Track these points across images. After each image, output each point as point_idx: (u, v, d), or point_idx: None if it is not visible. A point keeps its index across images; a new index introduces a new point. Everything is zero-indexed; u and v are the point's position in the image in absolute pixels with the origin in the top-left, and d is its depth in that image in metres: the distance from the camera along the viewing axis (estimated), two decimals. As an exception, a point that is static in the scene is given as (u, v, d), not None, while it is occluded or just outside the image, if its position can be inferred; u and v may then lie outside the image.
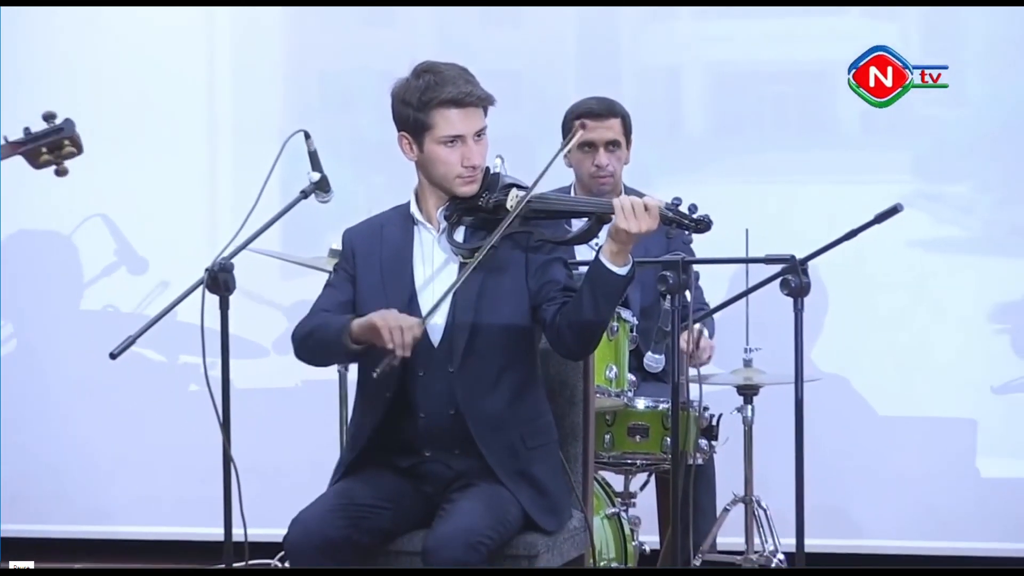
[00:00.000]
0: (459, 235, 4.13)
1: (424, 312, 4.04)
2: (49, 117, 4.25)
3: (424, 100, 4.08)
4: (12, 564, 1.78)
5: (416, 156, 4.15)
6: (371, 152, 5.59)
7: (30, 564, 1.77)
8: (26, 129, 4.25)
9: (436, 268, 4.16)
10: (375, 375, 3.90)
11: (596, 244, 4.16)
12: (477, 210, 4.12)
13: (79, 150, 4.29)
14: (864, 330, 5.93)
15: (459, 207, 4.13)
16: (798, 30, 6.15)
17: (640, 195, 3.94)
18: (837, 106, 6.17)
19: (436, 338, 4.11)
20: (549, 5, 6.13)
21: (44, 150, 4.27)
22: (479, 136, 4.11)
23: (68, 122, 4.28)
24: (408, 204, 4.22)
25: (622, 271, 3.91)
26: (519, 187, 4.08)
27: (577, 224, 4.21)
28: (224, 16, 6.42)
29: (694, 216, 3.91)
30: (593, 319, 3.96)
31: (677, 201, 3.91)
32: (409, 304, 4.11)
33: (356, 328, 3.98)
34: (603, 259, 3.91)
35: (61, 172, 4.33)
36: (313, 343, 4.17)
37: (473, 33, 6.21)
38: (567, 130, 5.27)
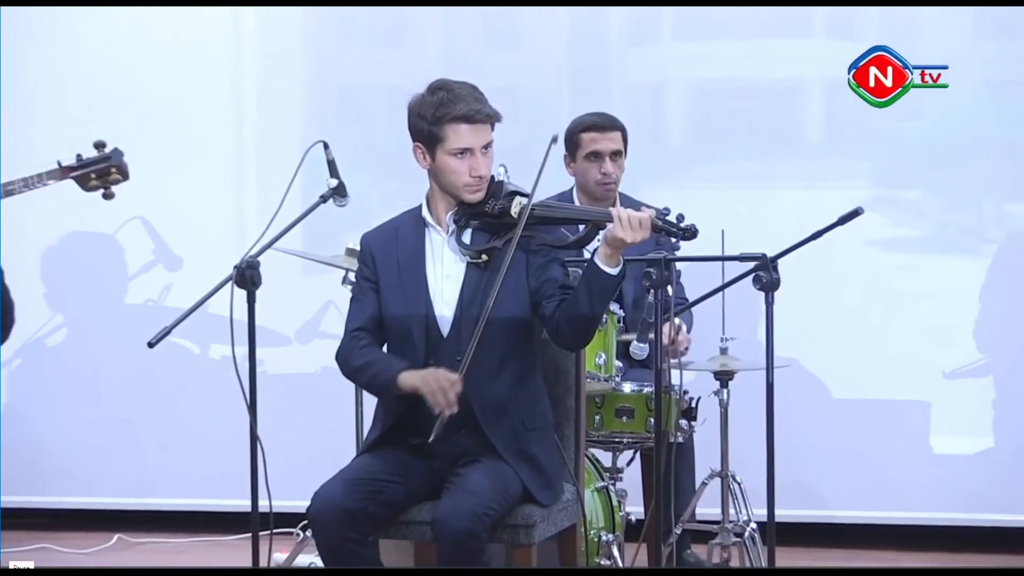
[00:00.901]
0: (466, 237, 4.15)
1: (438, 313, 4.12)
2: (100, 146, 4.25)
3: (437, 115, 4.09)
4: (12, 564, 1.72)
5: (428, 165, 4.16)
6: (384, 160, 5.59)
7: (30, 564, 1.70)
8: (78, 156, 4.25)
9: (446, 266, 4.18)
10: (431, 439, 3.99)
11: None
12: (484, 215, 4.14)
13: (124, 177, 4.29)
14: (828, 321, 5.94)
15: (467, 212, 4.15)
16: (768, 51, 6.14)
17: (635, 204, 3.97)
18: (804, 119, 6.20)
19: (445, 330, 4.14)
20: (543, 5, 6.14)
21: (93, 176, 4.27)
22: (486, 149, 4.13)
23: (116, 151, 4.27)
24: (420, 208, 4.23)
25: (615, 272, 3.96)
26: (521, 194, 4.09)
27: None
28: (250, 36, 6.44)
29: (682, 225, 3.97)
30: (589, 314, 4.01)
31: (666, 211, 3.96)
32: (422, 299, 4.14)
33: (403, 386, 4.04)
34: (598, 262, 3.95)
35: (108, 196, 4.32)
36: (363, 381, 4.26)
37: (476, 52, 6.21)
38: (571, 143, 5.29)
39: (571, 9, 6.22)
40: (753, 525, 5.00)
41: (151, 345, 4.78)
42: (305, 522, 4.27)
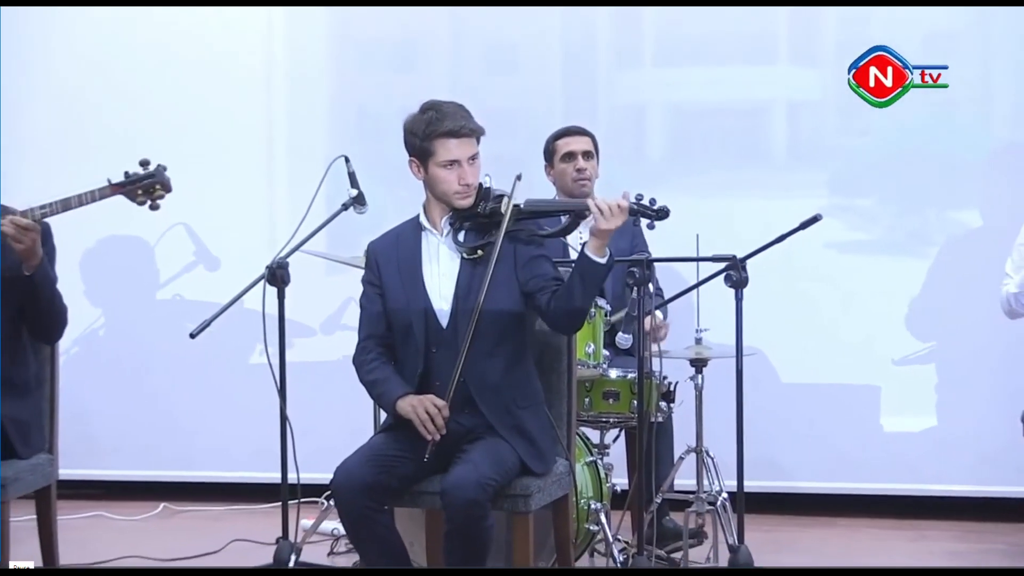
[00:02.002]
0: (461, 236, 4.16)
1: (436, 307, 4.13)
2: (144, 163, 4.26)
3: (427, 132, 4.11)
4: (12, 564, 1.68)
5: (422, 176, 4.18)
6: (398, 173, 5.52)
7: (30, 564, 1.66)
8: (125, 172, 4.26)
9: (442, 264, 4.19)
10: (426, 460, 4.02)
11: (581, 237, 4.16)
12: (476, 216, 4.15)
13: (168, 190, 4.29)
14: (791, 315, 5.93)
15: (461, 215, 4.17)
16: (738, 77, 6.15)
17: None
18: (769, 137, 6.20)
19: (444, 322, 4.14)
20: (535, 5, 6.14)
21: (139, 191, 4.27)
22: (472, 160, 4.14)
23: (159, 168, 4.28)
24: (418, 215, 4.25)
25: (603, 261, 3.98)
26: (508, 196, 4.11)
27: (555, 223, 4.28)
28: (280, 63, 6.45)
29: (655, 207, 4.00)
30: (580, 302, 4.02)
31: (640, 196, 4.01)
32: (421, 295, 4.15)
33: (399, 413, 4.06)
34: (588, 253, 3.97)
35: (154, 207, 4.32)
36: (373, 394, 4.25)
37: (479, 78, 6.22)
38: (548, 152, 5.32)
39: (563, 38, 6.24)
40: (724, 495, 4.99)
41: (193, 336, 4.79)
42: (329, 492, 4.26)
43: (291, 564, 4.76)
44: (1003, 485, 5.66)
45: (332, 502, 4.17)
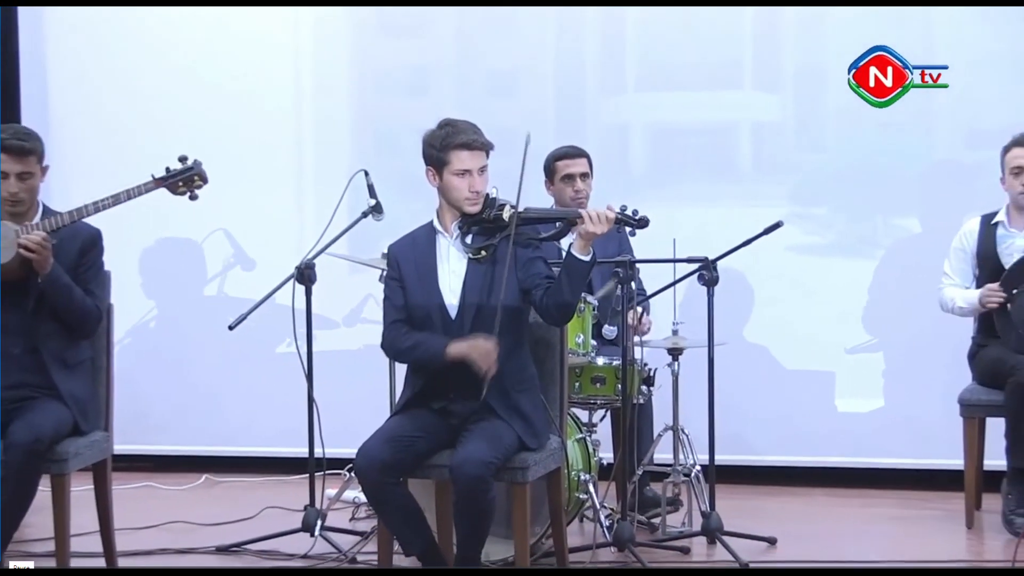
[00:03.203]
0: (469, 239, 4.16)
1: (447, 301, 4.12)
2: (183, 159, 4.28)
3: (444, 144, 4.10)
4: (12, 564, 1.63)
5: (437, 183, 4.17)
6: (411, 185, 5.54)
7: (30, 564, 1.60)
8: (167, 168, 4.28)
9: (452, 264, 4.18)
10: (482, 397, 3.99)
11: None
12: (482, 221, 4.15)
13: (205, 181, 4.32)
14: (756, 309, 5.93)
15: (469, 220, 4.16)
16: (710, 101, 6.13)
17: None
18: (736, 153, 6.19)
19: (453, 314, 4.14)
20: (529, 5, 6.11)
21: (180, 184, 4.30)
22: (482, 171, 4.14)
23: (196, 162, 4.30)
24: (432, 221, 4.24)
25: (587, 259, 3.99)
26: (511, 205, 4.11)
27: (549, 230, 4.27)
28: (308, 88, 6.43)
29: (637, 217, 4.02)
30: (569, 297, 4.03)
31: (624, 207, 4.02)
32: (435, 290, 4.14)
33: (452, 354, 4.01)
34: (574, 252, 3.98)
35: (193, 198, 4.34)
36: (411, 358, 4.19)
37: (482, 101, 6.20)
38: (549, 170, 5.29)
39: (556, 66, 6.24)
40: (698, 467, 4.99)
41: (231, 328, 4.79)
42: (350, 466, 4.25)
43: (317, 529, 4.77)
44: (940, 458, 5.65)
45: (353, 475, 4.15)
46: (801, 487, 5.85)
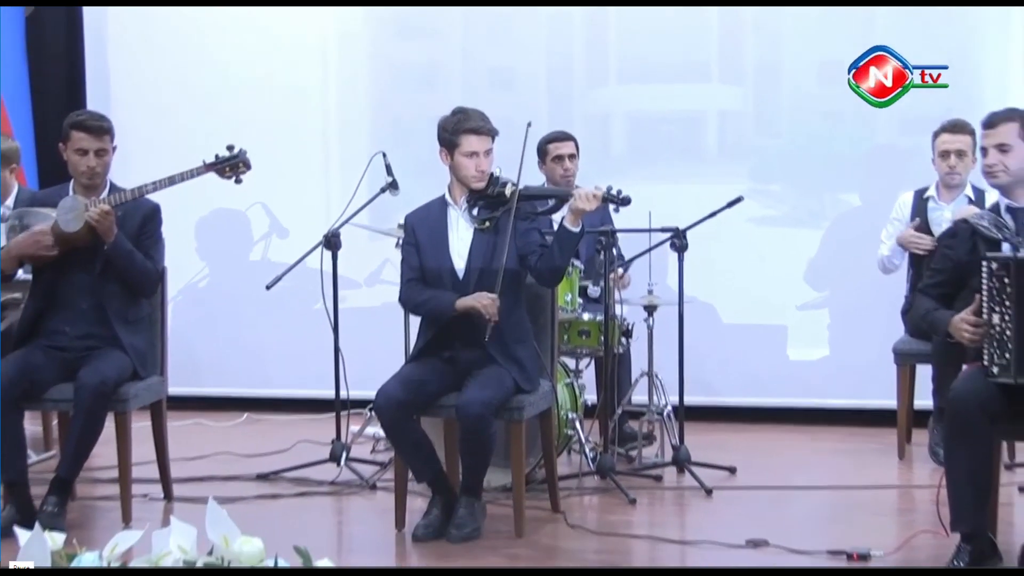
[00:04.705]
0: (475, 212, 4.14)
1: (456, 265, 4.10)
2: (230, 148, 4.26)
3: (455, 128, 4.08)
4: (12, 564, 1.60)
5: (448, 162, 4.15)
6: (422, 166, 5.54)
7: (30, 564, 1.56)
8: (216, 155, 4.26)
9: (460, 232, 4.17)
10: (487, 340, 3.97)
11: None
12: (487, 197, 4.13)
13: (248, 168, 4.31)
14: (719, 271, 5.90)
15: (476, 195, 4.15)
16: (681, 92, 6.10)
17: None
18: (705, 138, 6.16)
19: (461, 276, 4.13)
20: (525, 5, 6.06)
21: (227, 169, 4.29)
22: (488, 153, 4.12)
23: (242, 151, 4.29)
24: (444, 195, 4.22)
25: (576, 230, 3.99)
26: (512, 183, 4.09)
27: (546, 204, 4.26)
28: (332, 84, 6.41)
29: (621, 196, 4.00)
30: (559, 262, 4.04)
31: (610, 187, 4.00)
32: (445, 255, 4.12)
33: (460, 307, 4.01)
34: (566, 224, 3.98)
35: (238, 181, 4.33)
36: (425, 311, 4.16)
37: (484, 93, 6.16)
38: (541, 151, 5.27)
39: (547, 63, 6.21)
40: (669, 408, 5.00)
41: (268, 287, 4.78)
42: (372, 405, 4.25)
43: (342, 460, 4.78)
44: (876, 399, 5.66)
45: (374, 414, 4.16)
46: (758, 424, 5.86)
